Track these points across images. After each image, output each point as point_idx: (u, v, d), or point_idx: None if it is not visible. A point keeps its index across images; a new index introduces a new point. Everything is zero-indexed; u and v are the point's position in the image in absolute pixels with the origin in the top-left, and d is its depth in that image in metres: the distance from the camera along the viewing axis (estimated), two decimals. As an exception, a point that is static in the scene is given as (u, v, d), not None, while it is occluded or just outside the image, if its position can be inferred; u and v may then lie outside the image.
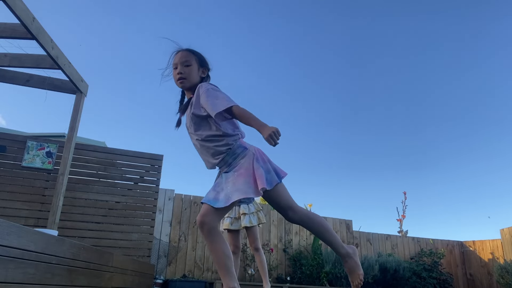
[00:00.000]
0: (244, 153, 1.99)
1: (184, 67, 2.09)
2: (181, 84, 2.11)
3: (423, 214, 12.90)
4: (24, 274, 1.87)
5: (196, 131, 2.03)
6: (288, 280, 6.45)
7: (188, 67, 2.10)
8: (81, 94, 4.83)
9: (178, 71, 2.09)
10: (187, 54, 2.12)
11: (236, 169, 1.95)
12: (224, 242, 1.85)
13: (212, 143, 1.99)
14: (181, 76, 2.08)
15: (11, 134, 5.73)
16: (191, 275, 6.14)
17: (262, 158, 1.99)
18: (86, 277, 2.65)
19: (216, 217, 1.84)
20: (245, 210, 3.54)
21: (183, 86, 2.13)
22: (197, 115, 2.00)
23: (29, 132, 8.35)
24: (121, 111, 13.57)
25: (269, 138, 1.73)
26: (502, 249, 7.90)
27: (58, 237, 2.36)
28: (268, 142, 1.74)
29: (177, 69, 2.10)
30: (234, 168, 1.96)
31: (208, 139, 2.00)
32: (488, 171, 12.87)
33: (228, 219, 3.55)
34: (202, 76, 2.15)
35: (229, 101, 1.89)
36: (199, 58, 2.15)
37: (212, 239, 1.81)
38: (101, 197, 5.73)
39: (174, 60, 2.14)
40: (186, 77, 2.09)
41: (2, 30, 3.87)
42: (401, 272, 6.96)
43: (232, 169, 1.97)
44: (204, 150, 2.04)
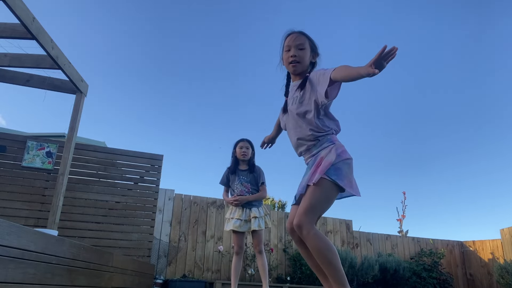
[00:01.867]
0: (327, 146, 1.93)
1: (298, 50, 1.99)
2: (293, 67, 2.02)
3: (423, 214, 12.90)
4: (24, 274, 1.87)
5: (299, 108, 1.97)
6: (288, 280, 6.45)
7: (302, 50, 2.00)
8: (81, 94, 4.83)
9: (292, 54, 1.99)
10: (301, 37, 2.02)
11: (315, 161, 1.91)
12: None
13: (309, 126, 1.94)
14: (295, 60, 1.99)
15: (11, 134, 5.73)
16: (191, 275, 6.14)
17: (341, 154, 1.87)
18: (86, 277, 2.65)
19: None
20: (256, 213, 3.58)
21: (294, 70, 2.03)
22: (309, 93, 1.94)
23: (29, 132, 8.36)
24: (121, 111, 13.57)
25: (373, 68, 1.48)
26: (502, 249, 7.90)
27: (58, 237, 2.36)
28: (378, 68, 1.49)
29: (289, 51, 2.01)
30: (314, 160, 1.92)
31: (308, 119, 1.94)
32: (488, 171, 12.87)
33: (237, 221, 3.58)
34: (312, 62, 2.06)
35: (328, 73, 1.78)
36: (312, 43, 2.06)
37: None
38: (101, 197, 5.73)
39: (287, 42, 2.04)
40: (300, 60, 2.00)
41: (2, 30, 3.87)
42: (401, 272, 6.96)
43: (313, 160, 1.93)
44: (298, 130, 1.99)
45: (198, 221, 6.50)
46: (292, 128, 2.02)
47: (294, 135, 2.01)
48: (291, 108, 2.02)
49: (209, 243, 6.44)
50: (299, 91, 1.97)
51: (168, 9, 12.14)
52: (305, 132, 1.95)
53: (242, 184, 3.65)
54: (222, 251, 6.41)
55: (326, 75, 1.79)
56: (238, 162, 3.74)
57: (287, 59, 2.03)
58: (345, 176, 1.83)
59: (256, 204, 3.64)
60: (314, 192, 1.78)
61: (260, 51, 13.41)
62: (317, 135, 1.93)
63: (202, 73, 12.91)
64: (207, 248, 6.40)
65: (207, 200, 6.70)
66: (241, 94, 13.36)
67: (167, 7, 12.02)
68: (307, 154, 2.00)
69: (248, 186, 3.64)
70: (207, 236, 6.47)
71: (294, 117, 2.00)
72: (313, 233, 1.70)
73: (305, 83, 1.96)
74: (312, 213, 1.75)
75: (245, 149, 3.69)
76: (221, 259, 6.41)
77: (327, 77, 1.77)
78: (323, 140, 1.94)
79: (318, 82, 1.87)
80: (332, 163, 1.80)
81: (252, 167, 3.71)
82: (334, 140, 1.95)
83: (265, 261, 3.62)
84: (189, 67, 12.80)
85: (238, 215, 3.61)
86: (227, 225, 3.68)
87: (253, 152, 3.77)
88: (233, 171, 3.72)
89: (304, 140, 1.97)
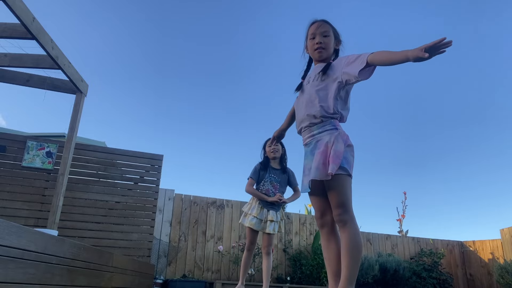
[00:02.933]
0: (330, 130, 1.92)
1: (323, 37, 2.06)
2: (319, 53, 2.07)
3: (423, 214, 12.90)
4: (24, 274, 1.87)
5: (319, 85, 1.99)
6: (288, 280, 6.45)
7: (327, 37, 2.07)
8: (81, 94, 4.83)
9: (318, 41, 2.06)
10: (325, 25, 2.09)
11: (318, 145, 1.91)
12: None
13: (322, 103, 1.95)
14: (320, 46, 2.05)
15: (11, 134, 5.73)
16: (191, 275, 6.14)
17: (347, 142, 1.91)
18: (86, 277, 2.65)
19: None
20: (273, 217, 3.55)
21: (320, 56, 2.08)
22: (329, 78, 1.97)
23: (29, 132, 8.36)
24: (121, 111, 13.58)
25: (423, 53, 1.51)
26: (502, 249, 7.90)
27: (58, 237, 2.36)
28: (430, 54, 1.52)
29: (314, 39, 2.07)
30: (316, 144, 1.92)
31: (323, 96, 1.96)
32: (488, 171, 12.87)
33: (254, 219, 3.52)
34: (336, 48, 2.13)
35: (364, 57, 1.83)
36: (335, 30, 2.13)
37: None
38: (101, 197, 5.73)
39: (311, 30, 2.10)
40: (325, 47, 2.06)
41: (2, 30, 3.87)
42: (401, 272, 6.96)
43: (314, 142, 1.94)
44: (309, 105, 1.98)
45: (198, 221, 6.50)
46: (304, 103, 2.03)
47: (304, 111, 2.01)
48: (309, 86, 2.05)
49: (209, 243, 6.44)
50: (321, 74, 2.00)
51: (168, 8, 12.15)
52: (315, 108, 1.96)
53: (271, 183, 3.58)
54: (222, 251, 6.41)
55: (362, 57, 1.82)
56: (269, 160, 3.65)
57: (313, 46, 2.08)
58: (352, 165, 1.90)
59: (276, 207, 3.60)
60: (342, 185, 1.82)
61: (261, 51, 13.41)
62: (325, 114, 1.93)
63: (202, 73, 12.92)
64: (207, 248, 6.40)
65: (207, 200, 6.70)
66: (242, 94, 13.37)
67: (167, 6, 12.02)
68: (306, 133, 2.00)
69: (277, 187, 3.57)
70: (207, 236, 6.47)
71: (310, 92, 2.02)
72: (355, 227, 1.79)
73: (328, 67, 2.00)
74: (350, 205, 1.82)
75: (275, 146, 3.59)
76: (221, 259, 6.41)
77: (363, 59, 1.80)
78: (326, 122, 1.94)
79: (348, 63, 1.89)
80: (343, 154, 1.84)
81: (285, 168, 3.64)
82: (337, 126, 1.95)
83: (271, 263, 3.61)
84: (189, 67, 12.80)
85: (256, 213, 3.54)
86: (244, 219, 3.59)
87: (284, 149, 3.68)
88: (264, 167, 3.61)
89: (310, 116, 1.97)
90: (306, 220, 7.30)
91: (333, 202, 1.83)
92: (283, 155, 3.67)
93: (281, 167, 3.65)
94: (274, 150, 3.58)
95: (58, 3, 10.10)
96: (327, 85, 1.97)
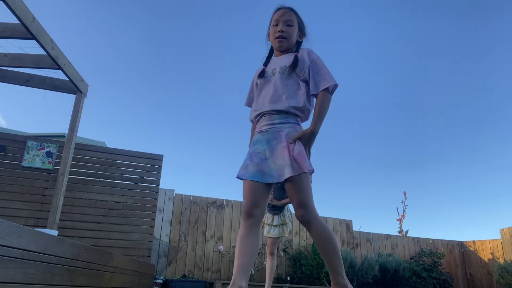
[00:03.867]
0: (293, 124, 1.82)
1: (286, 26, 1.93)
2: (279, 43, 1.95)
3: (423, 214, 12.90)
4: (24, 274, 1.87)
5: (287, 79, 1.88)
6: (288, 280, 6.45)
7: (290, 27, 1.94)
8: (81, 94, 4.83)
9: (280, 29, 1.92)
10: (291, 14, 1.96)
11: (278, 136, 1.78)
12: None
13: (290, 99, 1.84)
14: (282, 35, 1.92)
15: (11, 134, 5.73)
16: (191, 275, 6.14)
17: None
18: (86, 277, 2.65)
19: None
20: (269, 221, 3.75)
21: (280, 46, 1.96)
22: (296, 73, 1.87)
23: (29, 132, 8.36)
24: (121, 111, 13.58)
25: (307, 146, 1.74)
26: (502, 249, 7.90)
27: (58, 237, 2.36)
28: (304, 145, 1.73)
29: (277, 26, 1.94)
30: (275, 134, 1.80)
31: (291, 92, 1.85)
32: (488, 171, 12.87)
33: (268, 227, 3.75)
34: (299, 41, 2.00)
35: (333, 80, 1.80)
36: (301, 21, 2.00)
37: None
38: (101, 197, 5.73)
39: (275, 16, 1.97)
40: (287, 37, 1.93)
41: (2, 30, 3.87)
42: (401, 272, 6.96)
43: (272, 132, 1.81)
44: (275, 98, 1.85)
45: (198, 221, 6.50)
46: (269, 96, 1.87)
47: (268, 104, 1.86)
48: (275, 78, 1.90)
49: (209, 243, 6.44)
50: (290, 69, 1.88)
51: (168, 8, 12.15)
52: (282, 104, 1.83)
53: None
54: (222, 251, 6.41)
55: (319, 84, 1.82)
56: None
57: (274, 34, 1.96)
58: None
59: (272, 211, 3.74)
60: (304, 183, 1.70)
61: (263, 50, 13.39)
62: (293, 111, 1.83)
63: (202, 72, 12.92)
64: (207, 248, 6.40)
65: (207, 200, 6.70)
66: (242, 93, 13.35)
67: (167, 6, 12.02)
68: (265, 120, 1.86)
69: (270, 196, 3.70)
70: (207, 236, 6.47)
71: (277, 86, 1.88)
72: (321, 223, 1.70)
73: (297, 63, 1.88)
74: (313, 204, 1.72)
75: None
76: (221, 259, 6.41)
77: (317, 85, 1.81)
78: (290, 115, 1.83)
79: (315, 70, 1.85)
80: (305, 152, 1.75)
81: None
82: (299, 122, 1.87)
83: (275, 264, 3.71)
84: (189, 67, 12.80)
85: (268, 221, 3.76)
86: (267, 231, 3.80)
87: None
88: None
89: (274, 110, 1.84)
90: (306, 220, 7.30)
91: (295, 201, 1.71)
92: None
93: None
94: None
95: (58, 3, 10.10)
96: (295, 81, 1.87)
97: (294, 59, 1.89)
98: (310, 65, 1.86)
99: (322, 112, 1.78)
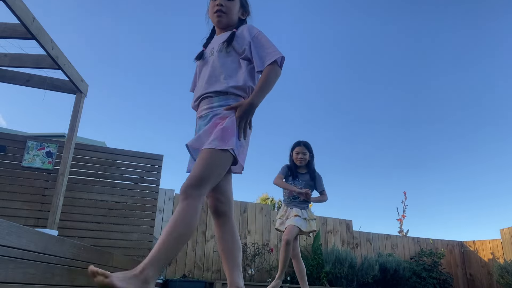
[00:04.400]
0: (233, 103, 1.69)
1: (226, 0, 1.80)
2: (218, 17, 1.82)
3: (423, 214, 12.91)
4: (24, 274, 1.87)
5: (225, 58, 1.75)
6: (288, 280, 6.45)
7: (230, 1, 1.81)
8: (81, 94, 4.83)
9: (218, 3, 1.79)
10: None
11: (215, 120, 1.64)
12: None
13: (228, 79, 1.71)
14: (221, 9, 1.79)
15: (11, 134, 5.73)
16: (191, 275, 6.14)
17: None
18: (86, 277, 2.65)
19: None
20: (298, 213, 3.48)
21: (219, 21, 1.84)
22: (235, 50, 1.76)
23: (29, 132, 8.36)
24: (121, 111, 13.58)
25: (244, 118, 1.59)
26: (502, 249, 7.90)
27: (58, 237, 2.36)
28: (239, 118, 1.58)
29: (216, 0, 1.81)
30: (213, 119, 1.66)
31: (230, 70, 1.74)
32: (488, 171, 12.88)
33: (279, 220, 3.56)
34: (241, 18, 1.88)
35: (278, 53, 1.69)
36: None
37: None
38: (101, 197, 5.73)
39: None
40: (226, 11, 1.80)
41: (2, 30, 3.87)
42: (401, 272, 6.96)
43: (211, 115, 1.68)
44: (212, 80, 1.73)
45: (198, 221, 6.49)
46: (206, 77, 1.75)
47: (206, 86, 1.73)
48: (213, 58, 1.78)
49: (209, 243, 6.44)
50: (226, 45, 1.74)
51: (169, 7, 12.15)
52: (219, 84, 1.70)
53: (296, 187, 3.50)
54: (222, 251, 6.40)
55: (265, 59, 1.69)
56: (296, 167, 3.59)
57: (213, 8, 1.83)
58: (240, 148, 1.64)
59: (300, 205, 3.54)
60: (214, 159, 1.54)
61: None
62: (233, 91, 1.70)
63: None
64: (207, 248, 6.40)
65: (207, 200, 6.69)
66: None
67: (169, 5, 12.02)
68: (205, 104, 1.73)
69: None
70: (207, 236, 6.47)
71: (214, 66, 1.75)
72: (196, 206, 1.57)
73: (233, 38, 1.76)
74: (205, 185, 1.55)
75: (302, 155, 3.54)
76: (221, 259, 6.41)
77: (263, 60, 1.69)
78: (230, 96, 1.70)
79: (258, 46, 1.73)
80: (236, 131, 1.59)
81: (313, 173, 3.56)
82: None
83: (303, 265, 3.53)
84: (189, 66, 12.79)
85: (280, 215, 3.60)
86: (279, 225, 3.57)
87: (311, 155, 3.60)
88: (291, 172, 3.56)
89: (212, 92, 1.71)
90: (306, 220, 7.30)
91: (192, 172, 1.53)
92: (310, 161, 3.59)
93: (308, 171, 3.57)
94: (301, 160, 3.53)
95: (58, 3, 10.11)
96: (235, 59, 1.75)
97: (230, 34, 1.77)
98: (251, 42, 1.73)
99: (265, 85, 1.65)
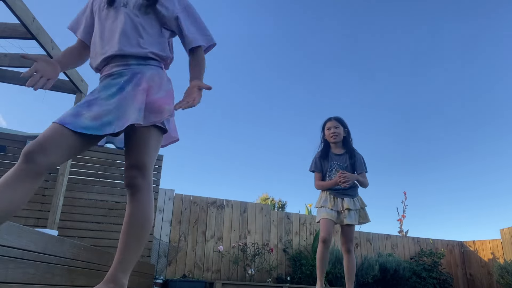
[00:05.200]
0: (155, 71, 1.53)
1: None
2: None
3: (423, 214, 12.90)
4: (24, 274, 1.87)
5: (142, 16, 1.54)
6: (288, 280, 6.45)
7: None
8: (81, 94, 4.83)
9: None
10: None
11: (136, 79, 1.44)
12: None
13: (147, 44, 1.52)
14: None
15: (11, 134, 5.73)
16: (191, 275, 6.14)
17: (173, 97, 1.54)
18: (86, 277, 2.65)
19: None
20: (350, 205, 3.05)
21: None
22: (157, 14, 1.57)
23: (29, 132, 8.34)
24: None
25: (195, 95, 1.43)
26: (502, 249, 7.90)
27: (58, 237, 2.37)
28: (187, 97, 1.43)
29: None
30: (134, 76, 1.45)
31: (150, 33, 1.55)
32: (488, 170, 12.87)
33: (330, 211, 3.05)
34: None
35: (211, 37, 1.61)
36: None
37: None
38: (101, 197, 5.73)
39: None
40: None
41: (2, 30, 3.87)
42: (401, 272, 6.96)
43: (130, 73, 1.46)
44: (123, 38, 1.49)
45: (198, 221, 6.50)
46: (118, 34, 1.49)
47: (117, 45, 1.48)
48: (126, 11, 1.53)
49: (209, 243, 6.44)
50: (146, 5, 1.56)
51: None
52: (135, 48, 1.50)
53: (337, 171, 3.07)
54: (222, 251, 6.40)
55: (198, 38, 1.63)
56: (329, 145, 3.17)
57: None
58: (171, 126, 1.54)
59: (351, 193, 3.09)
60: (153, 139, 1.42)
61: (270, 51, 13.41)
62: (151, 56, 1.53)
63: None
64: (207, 248, 6.40)
65: (207, 200, 6.70)
66: (242, 93, 13.37)
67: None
68: (117, 61, 1.50)
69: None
70: (207, 236, 6.48)
71: (128, 23, 1.51)
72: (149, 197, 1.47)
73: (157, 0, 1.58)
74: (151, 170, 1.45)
75: (334, 129, 3.11)
76: (221, 259, 6.41)
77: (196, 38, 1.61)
78: (149, 60, 1.53)
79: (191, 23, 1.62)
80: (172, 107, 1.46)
81: (352, 151, 3.12)
82: (163, 67, 1.62)
83: (354, 262, 3.07)
84: (189, 67, 12.79)
85: (330, 205, 3.07)
86: (319, 215, 3.12)
87: (347, 130, 3.18)
88: (324, 155, 3.14)
89: (129, 55, 1.49)
90: (306, 220, 7.30)
91: (133, 157, 1.38)
92: (346, 137, 3.17)
93: (346, 150, 3.15)
94: (334, 135, 3.11)
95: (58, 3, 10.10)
96: (157, 23, 1.58)
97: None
98: (180, 12, 1.60)
99: (203, 69, 1.59)
